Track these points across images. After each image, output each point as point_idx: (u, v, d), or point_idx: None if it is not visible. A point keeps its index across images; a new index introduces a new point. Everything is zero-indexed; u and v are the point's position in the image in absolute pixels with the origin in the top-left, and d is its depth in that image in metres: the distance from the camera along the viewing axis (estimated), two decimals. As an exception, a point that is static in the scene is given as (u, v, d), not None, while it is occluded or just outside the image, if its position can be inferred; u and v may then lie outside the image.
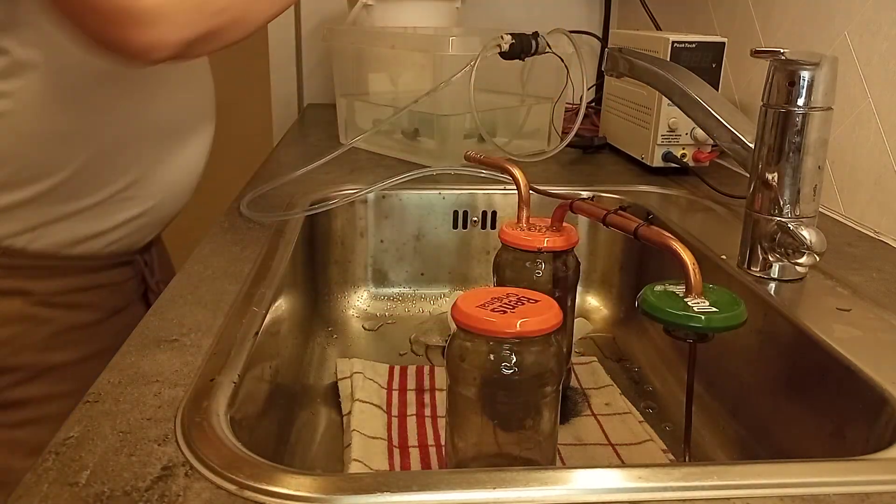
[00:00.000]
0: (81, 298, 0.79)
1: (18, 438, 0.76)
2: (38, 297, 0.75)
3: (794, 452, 0.55)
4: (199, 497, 0.36)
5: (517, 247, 0.60)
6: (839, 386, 0.50)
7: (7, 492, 0.72)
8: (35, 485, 0.36)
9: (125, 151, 0.76)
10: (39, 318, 0.75)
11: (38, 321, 0.75)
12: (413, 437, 0.61)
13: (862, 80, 0.79)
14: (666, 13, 1.31)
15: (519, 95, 1.13)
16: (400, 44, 1.03)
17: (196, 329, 0.52)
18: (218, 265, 0.64)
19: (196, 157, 0.85)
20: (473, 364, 0.46)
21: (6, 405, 0.75)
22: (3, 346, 0.74)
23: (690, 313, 0.46)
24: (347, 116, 1.14)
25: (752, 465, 0.40)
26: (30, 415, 0.76)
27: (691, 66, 0.86)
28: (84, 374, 0.77)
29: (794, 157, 0.60)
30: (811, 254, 0.60)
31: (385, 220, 0.89)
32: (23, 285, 0.74)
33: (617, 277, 0.89)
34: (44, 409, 0.76)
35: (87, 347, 0.79)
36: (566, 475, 0.39)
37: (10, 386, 0.75)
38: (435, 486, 0.37)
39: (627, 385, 0.73)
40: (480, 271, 0.91)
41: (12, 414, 0.76)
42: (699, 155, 0.97)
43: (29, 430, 0.76)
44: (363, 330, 0.84)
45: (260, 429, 0.52)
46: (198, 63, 0.83)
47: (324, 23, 1.54)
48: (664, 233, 0.49)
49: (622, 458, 0.59)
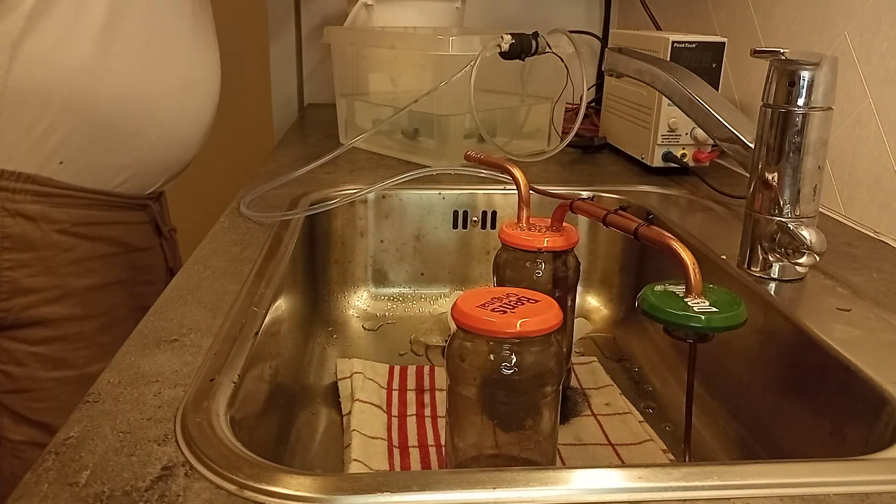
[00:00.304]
0: (101, 231, 0.86)
1: (41, 353, 0.83)
2: (61, 224, 0.81)
3: (794, 452, 0.55)
4: (199, 497, 0.36)
5: (517, 247, 0.60)
6: (839, 386, 0.50)
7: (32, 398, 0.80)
8: (35, 485, 0.36)
9: (147, 93, 0.83)
10: (62, 244, 0.82)
11: (60, 247, 0.82)
12: (413, 437, 0.61)
13: (862, 80, 0.79)
14: (666, 13, 1.31)
15: (519, 95, 1.13)
16: (400, 44, 1.03)
17: (196, 329, 0.52)
18: (218, 265, 0.64)
19: (203, 108, 0.91)
20: (473, 364, 0.46)
21: (29, 323, 0.82)
22: (27, 266, 0.80)
23: (690, 313, 0.46)
24: (347, 116, 1.14)
25: (752, 465, 0.40)
26: (51, 333, 0.83)
27: (691, 66, 0.87)
28: (101, 300, 0.87)
29: (794, 157, 0.60)
30: (811, 254, 0.60)
31: (385, 220, 0.89)
32: (48, 212, 0.80)
33: (617, 277, 0.89)
34: (63, 329, 0.83)
35: (105, 276, 0.86)
36: (566, 475, 0.39)
37: (32, 305, 0.81)
38: (435, 486, 0.37)
39: (627, 385, 0.73)
40: (480, 271, 0.91)
41: (35, 332, 0.82)
42: (699, 155, 0.97)
43: (50, 346, 0.83)
44: (363, 330, 0.84)
45: (260, 429, 0.52)
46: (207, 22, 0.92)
47: (324, 23, 1.54)
48: (664, 233, 0.49)
49: (622, 458, 0.59)
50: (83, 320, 0.84)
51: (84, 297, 0.84)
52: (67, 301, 0.83)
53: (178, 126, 0.88)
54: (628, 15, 1.49)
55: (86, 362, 0.84)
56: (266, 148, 1.48)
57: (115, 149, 0.83)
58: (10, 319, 0.81)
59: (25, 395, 0.83)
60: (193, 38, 0.89)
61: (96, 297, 0.85)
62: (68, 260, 0.82)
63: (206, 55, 0.92)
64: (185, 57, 0.88)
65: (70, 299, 0.83)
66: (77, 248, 0.83)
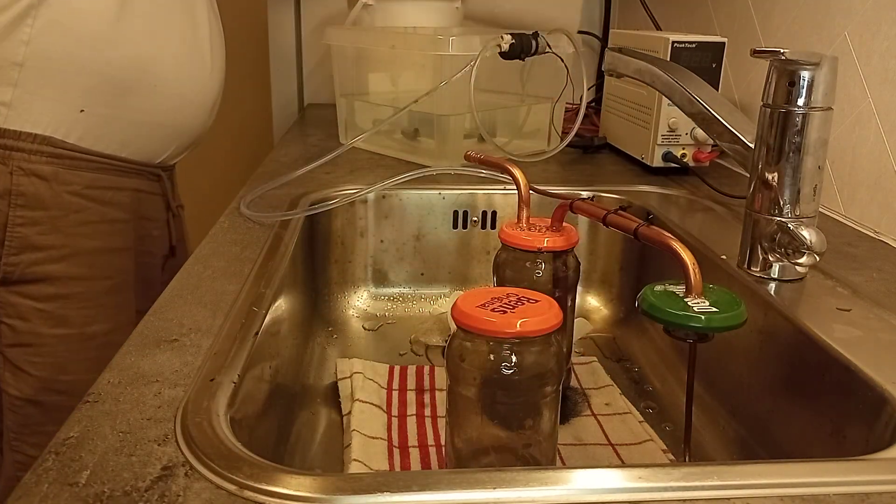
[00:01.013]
0: (111, 196, 0.89)
1: (45, 310, 0.85)
2: (73, 186, 0.84)
3: (794, 452, 0.55)
4: (199, 497, 0.36)
5: (517, 247, 0.60)
6: (839, 386, 0.50)
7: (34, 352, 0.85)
8: (35, 485, 0.36)
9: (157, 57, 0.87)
10: (73, 206, 0.85)
11: (71, 208, 0.85)
12: (413, 437, 0.61)
13: (862, 80, 0.79)
14: (666, 13, 1.31)
15: (519, 95, 1.13)
16: (400, 44, 1.03)
17: (196, 329, 0.52)
18: (218, 265, 0.64)
19: (210, 76, 0.95)
20: (473, 364, 0.46)
21: (35, 279, 0.84)
22: (37, 224, 0.83)
23: (690, 313, 0.46)
24: (347, 116, 1.14)
25: (752, 465, 0.40)
26: (56, 290, 0.85)
27: (691, 66, 0.87)
28: (108, 263, 0.89)
29: (794, 157, 0.60)
30: (811, 254, 0.60)
31: (385, 220, 0.89)
32: (61, 174, 0.83)
33: (617, 277, 0.89)
34: (68, 287, 0.85)
35: (112, 241, 0.89)
36: (566, 475, 0.39)
37: (39, 262, 0.84)
38: (435, 486, 0.37)
39: (627, 385, 0.73)
40: (480, 271, 0.91)
41: (40, 288, 0.84)
42: (699, 155, 0.97)
43: (53, 304, 0.85)
44: (363, 330, 0.84)
45: (260, 429, 0.52)
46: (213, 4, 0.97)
47: (324, 23, 1.54)
48: (664, 233, 0.49)
49: (622, 458, 0.59)
50: (88, 280, 0.87)
51: (90, 258, 0.87)
52: (74, 260, 0.85)
53: (187, 90, 0.92)
54: (628, 15, 1.49)
55: (86, 322, 0.87)
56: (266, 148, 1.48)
57: (127, 113, 0.86)
58: (18, 274, 0.83)
59: (27, 350, 0.85)
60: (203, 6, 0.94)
61: (103, 259, 0.88)
62: (77, 221, 0.85)
63: (214, 24, 0.96)
64: (194, 24, 0.92)
65: (76, 259, 0.85)
66: (87, 210, 0.86)
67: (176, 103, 0.91)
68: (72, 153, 0.83)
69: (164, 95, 0.89)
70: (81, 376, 0.86)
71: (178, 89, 0.90)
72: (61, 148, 0.83)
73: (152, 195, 0.96)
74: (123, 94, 0.85)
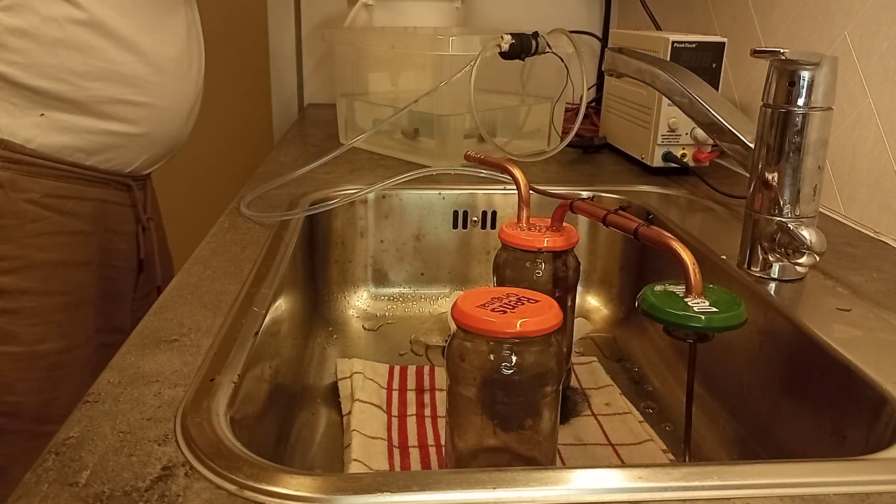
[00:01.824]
0: (72, 206, 0.83)
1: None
2: (30, 194, 0.79)
3: (794, 452, 0.55)
4: (199, 497, 0.36)
5: (517, 247, 0.60)
6: (839, 386, 0.50)
7: None
8: (35, 485, 0.36)
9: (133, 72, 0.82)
10: (29, 214, 0.79)
11: (27, 217, 0.79)
12: (413, 437, 0.61)
13: (862, 80, 0.79)
14: (666, 13, 1.31)
15: (519, 95, 1.13)
16: (400, 44, 1.03)
17: (196, 329, 0.52)
18: (218, 265, 0.64)
19: (186, 87, 0.90)
20: (473, 364, 0.46)
21: None
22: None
23: (690, 313, 0.46)
24: (347, 116, 1.14)
25: (752, 465, 0.40)
26: (4, 305, 0.79)
27: (691, 66, 0.87)
28: (65, 278, 0.83)
29: (794, 157, 0.60)
30: (811, 254, 0.60)
31: (385, 220, 0.89)
32: (18, 180, 0.78)
33: (617, 277, 0.89)
34: (18, 302, 0.79)
35: (71, 253, 0.83)
36: (566, 475, 0.39)
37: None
38: (435, 486, 0.37)
39: (627, 385, 0.73)
40: (480, 271, 0.91)
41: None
42: (699, 155, 0.97)
43: (1, 319, 0.79)
44: (363, 330, 0.84)
45: (260, 429, 0.52)
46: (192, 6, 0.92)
47: (324, 23, 1.54)
48: (664, 233, 0.49)
49: (622, 458, 0.59)
50: (41, 295, 0.81)
51: (45, 272, 0.81)
52: (27, 273, 0.79)
53: (160, 97, 0.86)
54: (628, 15, 1.49)
55: (37, 339, 0.80)
56: (266, 148, 1.48)
57: (92, 121, 0.81)
58: None
59: None
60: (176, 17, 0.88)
61: (60, 273, 0.82)
62: (34, 231, 0.79)
63: (193, 27, 0.91)
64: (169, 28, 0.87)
65: (30, 272, 0.80)
66: (44, 220, 0.80)
67: (148, 111, 0.85)
68: (31, 158, 0.78)
69: (134, 103, 0.83)
70: (28, 397, 0.80)
71: (150, 96, 0.85)
72: (19, 153, 0.77)
73: (120, 206, 0.89)
74: (88, 102, 0.80)
